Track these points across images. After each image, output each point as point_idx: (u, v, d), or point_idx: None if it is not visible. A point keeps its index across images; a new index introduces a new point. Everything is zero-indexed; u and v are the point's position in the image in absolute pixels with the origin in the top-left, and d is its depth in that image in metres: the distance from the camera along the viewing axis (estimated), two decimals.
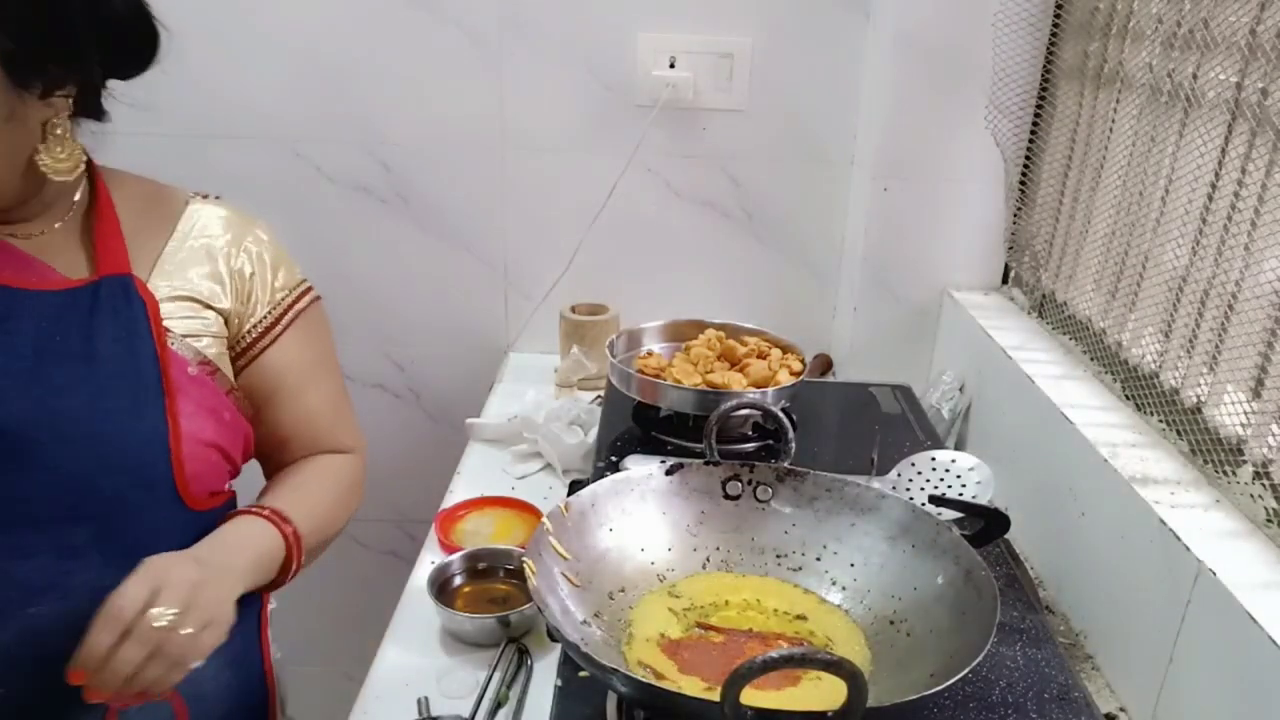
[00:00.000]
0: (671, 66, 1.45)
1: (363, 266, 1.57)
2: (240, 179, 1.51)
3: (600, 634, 0.75)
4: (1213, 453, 0.88)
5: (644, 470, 0.86)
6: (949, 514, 0.87)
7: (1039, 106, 1.33)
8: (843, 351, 1.53)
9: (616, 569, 0.82)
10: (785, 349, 1.23)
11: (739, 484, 0.87)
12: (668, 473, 0.86)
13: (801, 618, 0.80)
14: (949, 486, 0.95)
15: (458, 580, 1.01)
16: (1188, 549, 0.76)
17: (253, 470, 1.69)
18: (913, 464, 0.99)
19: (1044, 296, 1.30)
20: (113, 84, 0.87)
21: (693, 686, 0.71)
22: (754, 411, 1.11)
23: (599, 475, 0.91)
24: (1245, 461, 0.84)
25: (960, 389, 1.32)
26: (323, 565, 1.73)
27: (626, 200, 1.50)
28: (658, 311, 1.34)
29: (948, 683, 0.61)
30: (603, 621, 0.76)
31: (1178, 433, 0.94)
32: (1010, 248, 1.41)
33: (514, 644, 0.93)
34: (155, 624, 0.69)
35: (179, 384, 0.80)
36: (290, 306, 0.93)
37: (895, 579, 0.80)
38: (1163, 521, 0.80)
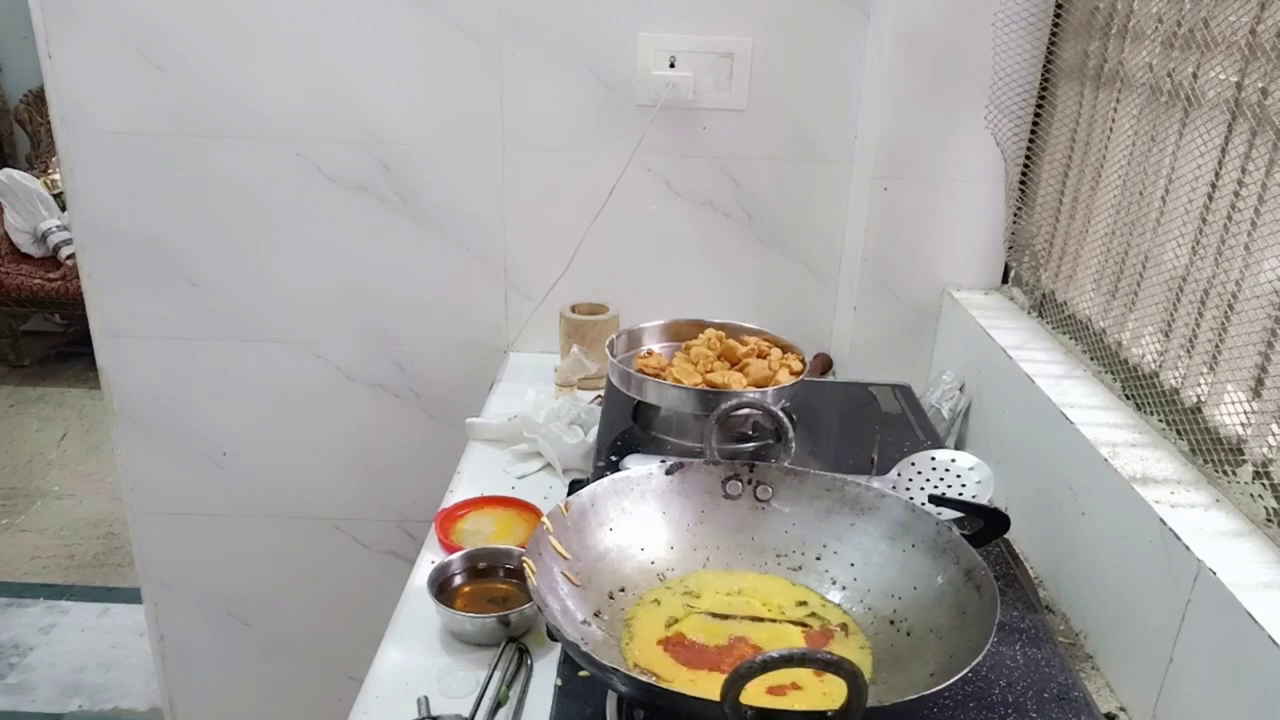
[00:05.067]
0: (671, 66, 1.45)
1: (363, 266, 1.57)
2: (240, 179, 1.51)
3: (600, 634, 0.75)
4: (1213, 452, 0.88)
5: (644, 470, 0.86)
6: (949, 513, 0.87)
7: (1039, 106, 1.33)
8: (843, 351, 1.53)
9: (616, 568, 0.82)
10: (785, 348, 1.23)
11: (739, 484, 0.88)
12: (668, 472, 0.86)
13: (804, 603, 0.80)
14: (949, 486, 0.95)
15: (458, 580, 1.01)
16: (1188, 549, 0.76)
17: (244, 460, 1.69)
18: (913, 463, 0.99)
19: (1044, 296, 1.30)
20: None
21: (693, 686, 0.71)
22: (754, 411, 1.11)
23: (599, 475, 0.91)
24: (1245, 461, 0.84)
25: (960, 389, 1.32)
26: (323, 565, 1.75)
27: (626, 200, 1.50)
28: (658, 311, 1.34)
29: (948, 682, 0.62)
30: (603, 621, 0.76)
31: (1178, 432, 0.94)
32: (1010, 247, 1.41)
33: (514, 644, 0.93)
34: None
35: None
36: None
37: (895, 578, 0.80)
38: (1163, 521, 0.80)
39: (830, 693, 0.68)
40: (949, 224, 1.40)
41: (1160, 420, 0.97)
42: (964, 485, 0.95)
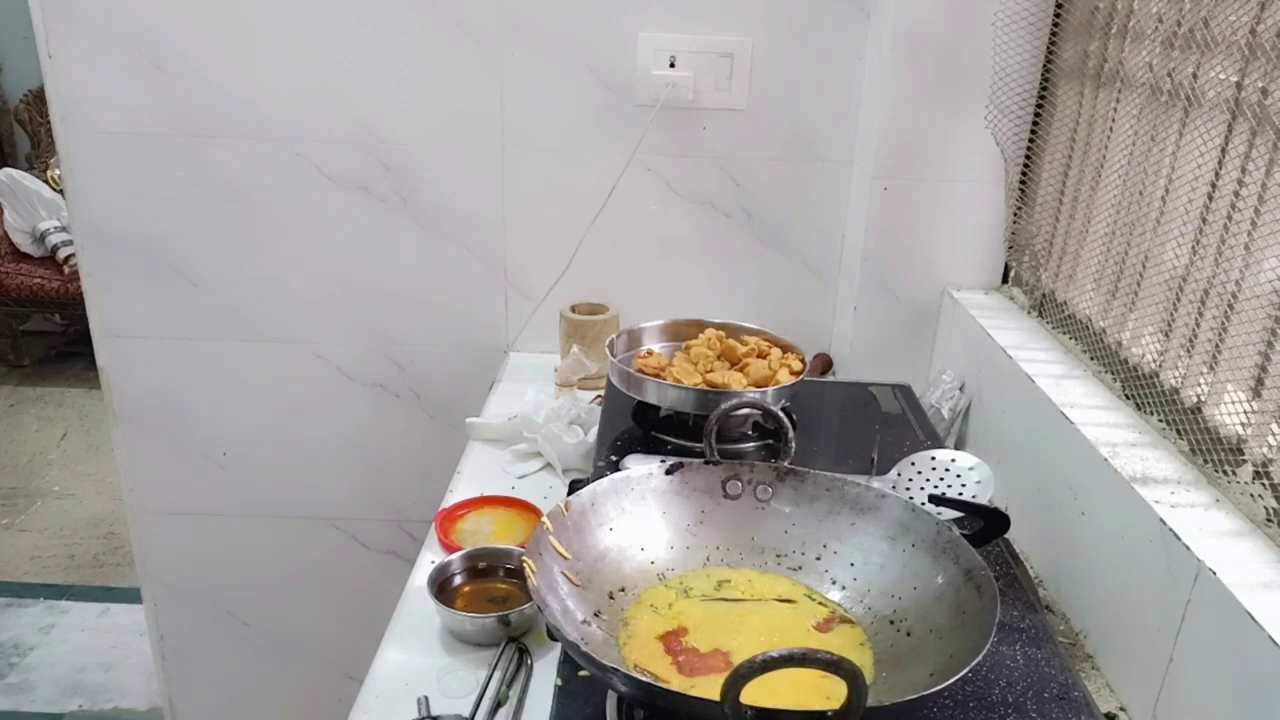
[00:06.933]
0: (671, 66, 1.45)
1: (363, 266, 1.57)
2: (240, 179, 1.51)
3: (600, 633, 0.75)
4: (1213, 452, 0.88)
5: (644, 470, 0.86)
6: (949, 513, 0.87)
7: (1039, 106, 1.33)
8: (843, 351, 1.53)
9: (616, 568, 0.82)
10: (785, 348, 1.23)
11: (739, 483, 0.88)
12: (668, 472, 0.86)
13: (809, 597, 0.80)
14: (949, 486, 0.95)
15: (458, 580, 1.01)
16: (1188, 549, 0.76)
17: (247, 456, 1.69)
18: (913, 463, 0.99)
19: (1044, 296, 1.30)
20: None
21: (692, 686, 0.71)
22: (754, 411, 1.11)
23: (599, 475, 0.91)
24: (1245, 461, 0.84)
25: (960, 388, 1.32)
26: (323, 565, 1.75)
27: (626, 200, 1.50)
28: (658, 311, 1.34)
29: (948, 682, 0.61)
30: (603, 621, 0.76)
31: (1178, 432, 0.94)
32: (1010, 247, 1.41)
33: (514, 643, 0.93)
34: None
35: None
36: None
37: (895, 578, 0.80)
38: (1163, 521, 0.80)
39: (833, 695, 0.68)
40: (949, 224, 1.40)
41: (1160, 420, 0.97)
42: (964, 485, 0.95)
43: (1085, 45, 1.19)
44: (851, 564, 0.83)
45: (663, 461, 0.87)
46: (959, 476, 0.96)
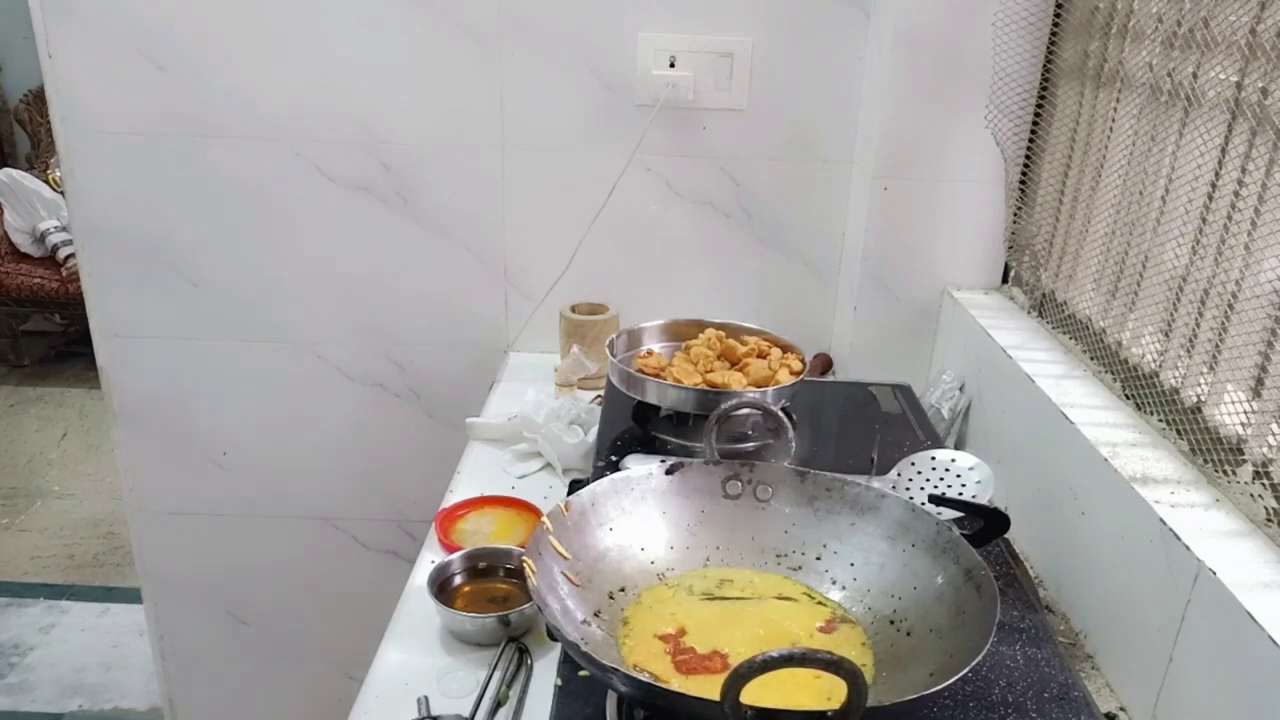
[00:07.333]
0: (671, 66, 1.45)
1: (363, 267, 1.57)
2: (240, 179, 1.51)
3: (600, 633, 0.75)
4: (1213, 452, 0.88)
5: (644, 470, 0.86)
6: (949, 513, 0.87)
7: (1039, 106, 1.33)
8: (843, 351, 1.53)
9: (616, 568, 0.82)
10: (785, 348, 1.23)
11: (739, 484, 0.88)
12: (668, 472, 0.87)
13: (809, 596, 0.80)
14: (949, 486, 0.95)
15: (458, 580, 1.01)
16: (1188, 549, 0.76)
17: (244, 454, 1.69)
18: (912, 463, 0.99)
19: (1044, 296, 1.30)
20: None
21: (692, 686, 0.71)
22: (754, 411, 1.11)
23: (599, 475, 0.91)
24: (1245, 461, 0.84)
25: (960, 388, 1.32)
26: (323, 565, 1.75)
27: (626, 200, 1.50)
28: (658, 311, 1.34)
29: (948, 682, 0.62)
30: (603, 621, 0.76)
31: (1178, 432, 0.94)
32: (1010, 247, 1.41)
33: (514, 643, 0.93)
34: None
35: None
36: None
37: (895, 578, 0.80)
38: (1163, 521, 0.80)
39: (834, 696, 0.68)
40: (949, 224, 1.40)
41: (1160, 420, 0.97)
42: (964, 485, 0.95)
43: (1085, 45, 1.19)
44: (851, 564, 0.83)
45: (663, 461, 0.87)
46: (959, 476, 0.96)
